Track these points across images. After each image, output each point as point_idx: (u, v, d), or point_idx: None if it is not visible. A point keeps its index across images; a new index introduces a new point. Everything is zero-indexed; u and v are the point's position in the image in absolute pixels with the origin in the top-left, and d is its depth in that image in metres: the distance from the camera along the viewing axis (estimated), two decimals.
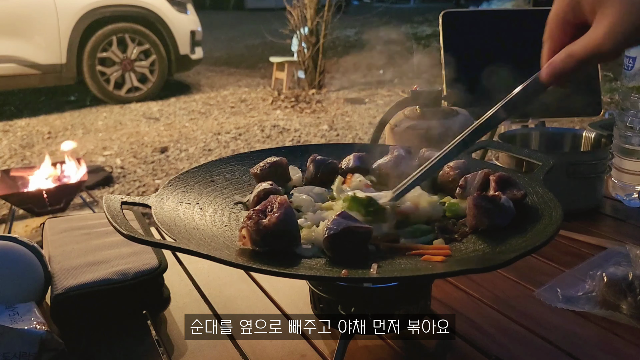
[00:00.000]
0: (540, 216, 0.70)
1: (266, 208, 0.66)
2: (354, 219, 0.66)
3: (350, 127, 5.40)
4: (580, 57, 0.59)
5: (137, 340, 0.82)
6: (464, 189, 0.78)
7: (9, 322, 0.73)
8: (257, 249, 0.64)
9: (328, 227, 0.64)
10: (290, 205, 0.66)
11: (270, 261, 0.64)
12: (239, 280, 0.99)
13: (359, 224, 0.65)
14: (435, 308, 0.85)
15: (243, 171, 0.91)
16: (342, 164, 0.88)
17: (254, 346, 0.79)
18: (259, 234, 0.63)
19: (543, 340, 0.80)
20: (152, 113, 6.10)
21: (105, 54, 6.37)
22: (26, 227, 3.21)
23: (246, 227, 0.64)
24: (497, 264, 0.59)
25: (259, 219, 0.64)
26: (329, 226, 0.64)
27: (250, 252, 0.67)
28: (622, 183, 1.31)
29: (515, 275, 0.96)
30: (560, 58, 0.61)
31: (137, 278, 0.84)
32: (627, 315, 0.84)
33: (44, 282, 0.86)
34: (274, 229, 0.63)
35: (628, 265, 0.89)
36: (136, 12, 6.46)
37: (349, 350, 0.75)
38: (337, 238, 0.63)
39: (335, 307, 0.72)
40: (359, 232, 0.65)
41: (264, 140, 5.04)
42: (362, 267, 0.63)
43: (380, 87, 7.21)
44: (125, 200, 0.72)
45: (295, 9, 7.00)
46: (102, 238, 0.98)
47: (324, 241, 0.64)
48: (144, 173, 4.24)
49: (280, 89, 7.09)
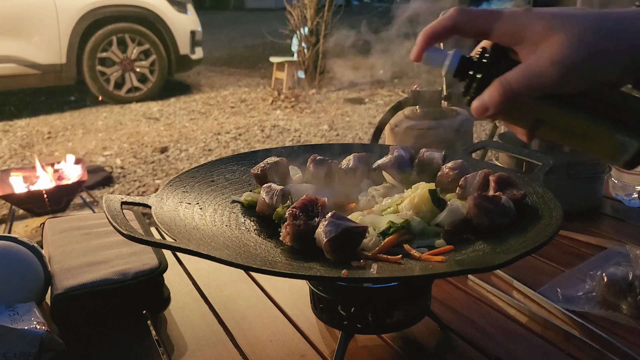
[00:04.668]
0: (540, 216, 0.70)
1: (307, 208, 0.68)
2: (347, 219, 0.66)
3: (350, 127, 5.40)
4: (518, 87, 0.52)
5: (137, 340, 0.82)
6: (464, 189, 0.78)
7: (9, 322, 0.73)
8: (297, 246, 0.67)
9: (326, 231, 0.64)
10: None
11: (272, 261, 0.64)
12: (239, 280, 0.99)
13: (354, 224, 0.66)
14: (435, 308, 0.85)
15: (243, 171, 0.91)
16: (342, 164, 0.88)
17: (254, 346, 0.79)
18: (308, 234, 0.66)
19: (543, 340, 0.80)
20: (152, 113, 6.10)
21: (105, 54, 6.37)
22: (26, 227, 3.21)
23: (292, 225, 0.67)
24: (497, 264, 0.59)
25: (307, 220, 0.67)
26: (326, 229, 0.64)
27: (250, 252, 0.67)
28: (622, 183, 1.31)
29: (515, 275, 0.96)
30: (491, 91, 0.53)
31: (137, 278, 0.84)
32: (627, 315, 0.84)
33: (44, 282, 0.86)
34: None
35: (628, 265, 0.89)
36: (136, 12, 6.45)
37: (349, 350, 0.75)
38: (337, 240, 0.63)
39: (335, 307, 0.72)
40: (356, 232, 0.65)
41: (264, 140, 5.04)
42: (362, 267, 0.63)
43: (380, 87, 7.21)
44: (125, 200, 0.72)
45: (295, 9, 7.00)
46: (102, 238, 0.98)
47: (324, 245, 0.64)
48: (144, 173, 4.24)
49: (280, 89, 7.09)
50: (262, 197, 0.78)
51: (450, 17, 0.56)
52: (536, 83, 0.51)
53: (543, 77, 0.51)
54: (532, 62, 0.52)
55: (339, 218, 0.65)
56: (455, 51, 0.58)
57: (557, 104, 0.55)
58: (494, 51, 0.56)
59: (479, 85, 0.55)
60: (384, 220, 0.71)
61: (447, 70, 0.59)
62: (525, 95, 0.52)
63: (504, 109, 0.54)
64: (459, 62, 0.58)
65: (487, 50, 0.56)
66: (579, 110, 0.55)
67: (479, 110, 0.55)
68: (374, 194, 0.82)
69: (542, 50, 0.51)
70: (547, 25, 0.52)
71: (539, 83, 0.51)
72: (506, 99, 0.53)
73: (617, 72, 0.52)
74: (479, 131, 4.68)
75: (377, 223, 0.71)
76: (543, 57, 0.51)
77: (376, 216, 0.73)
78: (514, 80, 0.52)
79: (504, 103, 0.53)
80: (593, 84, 0.53)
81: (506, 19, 0.54)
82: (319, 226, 0.65)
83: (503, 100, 0.53)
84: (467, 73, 0.57)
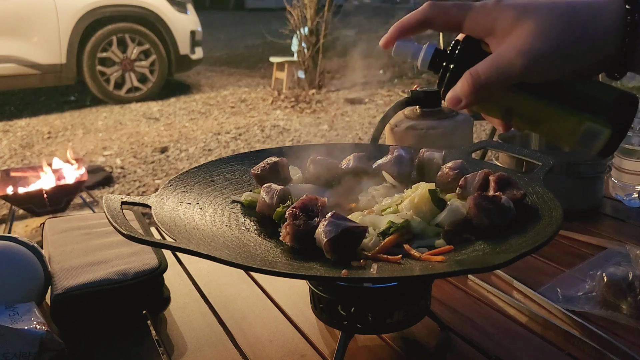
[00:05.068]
0: (540, 216, 0.70)
1: (307, 208, 0.68)
2: (346, 219, 0.66)
3: (350, 127, 5.40)
4: (486, 78, 0.53)
5: (137, 340, 0.82)
6: (464, 189, 0.78)
7: (9, 322, 0.73)
8: (297, 246, 0.67)
9: (326, 231, 0.64)
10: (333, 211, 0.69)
11: (272, 261, 0.64)
12: (239, 280, 0.99)
13: (354, 224, 0.66)
14: (435, 308, 0.85)
15: (243, 171, 0.91)
16: (342, 164, 0.88)
17: (254, 346, 0.79)
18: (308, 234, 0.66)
19: (543, 340, 0.80)
20: (152, 113, 6.10)
21: (105, 54, 6.38)
22: (26, 227, 3.21)
23: (292, 225, 0.67)
24: (497, 264, 0.59)
25: (307, 220, 0.67)
26: (326, 229, 0.64)
27: (250, 252, 0.67)
28: (622, 183, 1.31)
29: (515, 275, 0.96)
30: (462, 82, 0.54)
31: (137, 278, 0.84)
32: (627, 315, 0.84)
33: (44, 282, 0.86)
34: None
35: (628, 265, 0.89)
36: (136, 12, 6.46)
37: (349, 350, 0.75)
38: (337, 240, 0.63)
39: (335, 307, 0.72)
40: (356, 232, 0.65)
41: (264, 140, 5.04)
42: (362, 267, 0.63)
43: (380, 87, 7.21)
44: (125, 200, 0.72)
45: (295, 9, 7.00)
46: (102, 238, 0.98)
47: (324, 245, 0.64)
48: (144, 173, 4.24)
49: (280, 89, 7.09)
50: (262, 197, 0.78)
51: (422, 11, 0.57)
52: (504, 73, 0.52)
53: (510, 68, 0.52)
54: (501, 52, 0.52)
55: (339, 218, 0.65)
56: (429, 44, 0.59)
57: (527, 93, 0.55)
58: (465, 43, 0.57)
59: (451, 77, 0.57)
60: (384, 220, 0.71)
61: (421, 62, 0.60)
62: (494, 85, 0.53)
63: (475, 99, 0.55)
64: (432, 55, 0.59)
65: (460, 42, 0.57)
66: (549, 99, 0.55)
67: (453, 101, 0.56)
68: (374, 194, 0.82)
69: (510, 40, 0.52)
70: (516, 16, 0.52)
71: (507, 73, 0.52)
72: (475, 89, 0.54)
73: (586, 63, 0.52)
74: (479, 131, 4.68)
75: (377, 223, 0.71)
76: (510, 47, 0.52)
77: (376, 216, 0.73)
78: (482, 71, 0.53)
79: (475, 94, 0.54)
80: (562, 74, 0.53)
81: (477, 11, 0.55)
82: (319, 226, 0.65)
83: (473, 91, 0.54)
84: (440, 65, 0.58)
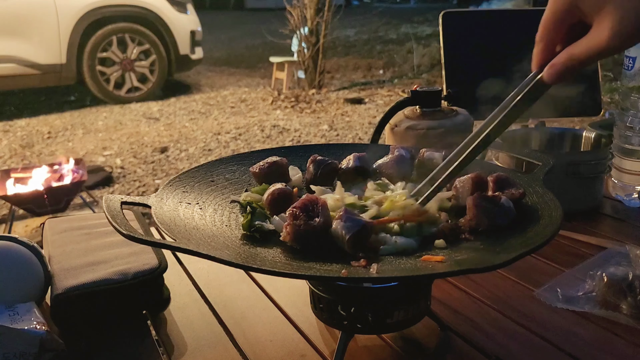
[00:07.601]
0: (540, 216, 0.70)
1: (307, 208, 0.68)
2: (357, 214, 0.68)
3: (350, 127, 5.40)
4: (583, 59, 0.60)
5: (137, 340, 0.82)
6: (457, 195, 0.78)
7: (9, 322, 0.73)
8: (297, 246, 0.67)
9: (347, 226, 0.65)
10: None
11: (272, 261, 0.64)
12: (239, 280, 0.99)
13: (366, 219, 0.68)
14: (435, 308, 0.85)
15: (243, 171, 0.91)
16: (342, 164, 0.88)
17: (254, 346, 0.79)
18: (308, 233, 0.67)
19: (543, 340, 0.80)
20: (152, 113, 6.10)
21: (105, 54, 6.37)
22: (26, 227, 3.21)
23: (292, 225, 0.67)
24: (497, 264, 0.59)
25: (307, 219, 0.67)
26: (346, 225, 0.65)
27: (250, 252, 0.67)
28: (622, 183, 1.31)
29: (515, 275, 0.96)
30: (562, 60, 0.61)
31: (137, 278, 0.84)
32: (627, 315, 0.84)
33: (44, 282, 0.86)
34: None
35: (628, 265, 0.89)
36: (136, 12, 6.46)
37: (349, 350, 0.75)
38: (359, 235, 0.65)
39: (335, 307, 0.72)
40: (369, 227, 0.67)
41: (264, 140, 5.04)
42: (362, 267, 0.63)
43: (380, 87, 7.21)
44: (125, 200, 0.72)
45: (295, 9, 7.00)
46: (102, 238, 0.98)
47: (347, 240, 0.65)
48: (144, 173, 4.24)
49: (280, 89, 7.09)
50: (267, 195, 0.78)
51: None
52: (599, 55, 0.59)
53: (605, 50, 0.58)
54: (594, 36, 0.58)
55: (352, 213, 0.67)
56: None
57: None
58: None
59: None
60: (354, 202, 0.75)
61: None
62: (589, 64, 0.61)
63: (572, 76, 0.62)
64: None
65: None
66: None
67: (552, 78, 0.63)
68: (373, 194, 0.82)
69: (599, 24, 0.57)
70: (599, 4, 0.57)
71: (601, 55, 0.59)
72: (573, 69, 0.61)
73: None
74: None
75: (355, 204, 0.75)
76: (601, 32, 0.57)
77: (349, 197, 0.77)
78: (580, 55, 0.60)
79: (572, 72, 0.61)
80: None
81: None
82: (335, 222, 0.67)
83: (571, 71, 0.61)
84: None
